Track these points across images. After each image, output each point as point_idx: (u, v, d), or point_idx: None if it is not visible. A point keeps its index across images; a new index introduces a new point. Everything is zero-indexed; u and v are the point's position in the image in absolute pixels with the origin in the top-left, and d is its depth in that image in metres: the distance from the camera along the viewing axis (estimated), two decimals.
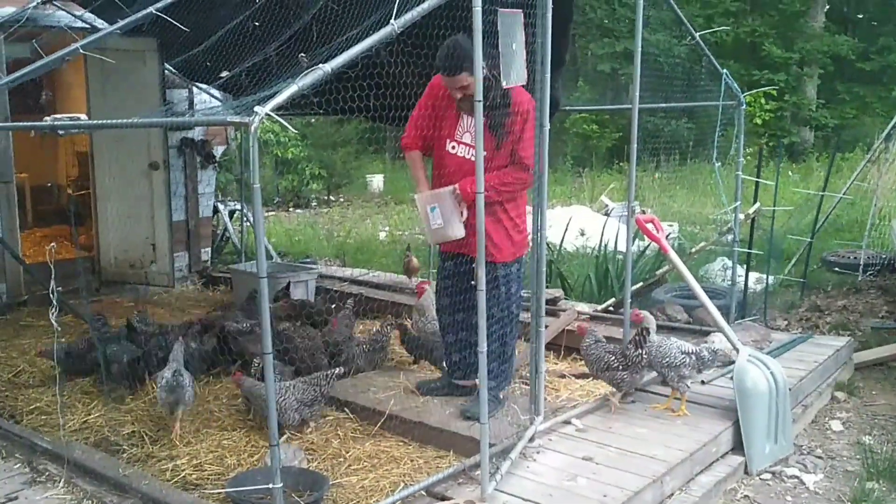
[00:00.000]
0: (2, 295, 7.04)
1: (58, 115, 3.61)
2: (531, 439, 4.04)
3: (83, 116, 3.55)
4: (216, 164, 8.49)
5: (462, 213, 4.21)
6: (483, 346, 3.27)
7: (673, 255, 4.86)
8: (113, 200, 7.58)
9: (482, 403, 3.38)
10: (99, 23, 6.36)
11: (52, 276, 3.57)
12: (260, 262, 2.67)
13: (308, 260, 8.68)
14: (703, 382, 4.93)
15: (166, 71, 7.41)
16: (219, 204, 9.18)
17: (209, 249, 8.68)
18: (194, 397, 4.57)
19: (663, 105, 6.43)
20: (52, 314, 3.48)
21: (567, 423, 4.34)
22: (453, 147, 4.37)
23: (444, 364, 4.92)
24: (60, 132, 3.51)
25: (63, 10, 6.59)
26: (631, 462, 3.91)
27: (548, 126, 3.70)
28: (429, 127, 4.34)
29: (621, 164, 17.24)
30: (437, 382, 4.93)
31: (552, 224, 7.09)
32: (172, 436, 4.37)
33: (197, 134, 8.18)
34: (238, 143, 9.23)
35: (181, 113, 3.40)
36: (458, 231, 4.21)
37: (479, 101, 2.98)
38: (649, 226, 4.91)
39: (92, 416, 4.81)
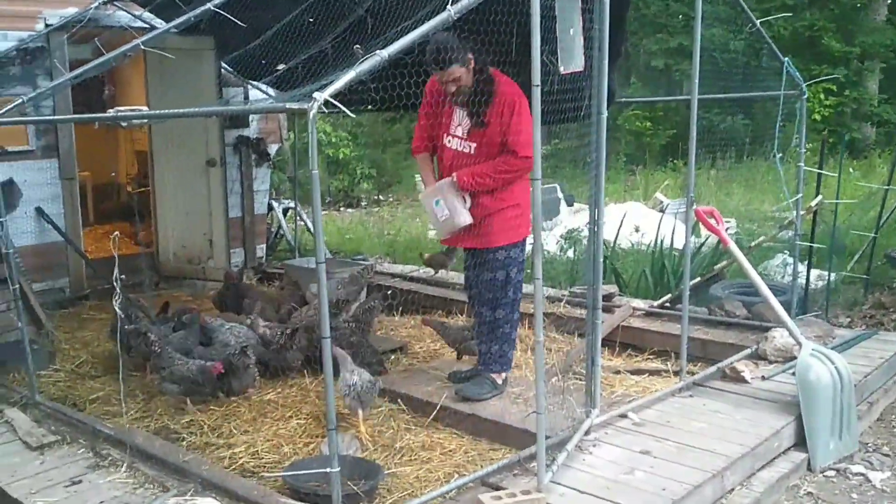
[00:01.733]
0: (65, 289, 7.23)
1: (120, 108, 3.69)
2: (587, 432, 3.99)
3: (145, 108, 3.62)
4: (270, 162, 8.59)
5: (465, 199, 4.40)
6: (540, 336, 3.23)
7: (734, 248, 4.75)
8: (171, 197, 7.73)
9: (539, 394, 3.34)
10: (157, 22, 6.49)
11: (116, 264, 3.64)
12: (318, 247, 2.68)
13: (360, 257, 8.73)
14: (763, 378, 4.82)
15: (222, 69, 7.53)
16: (273, 202, 9.29)
17: (264, 246, 8.79)
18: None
19: (722, 96, 6.29)
20: (116, 300, 3.54)
21: (623, 416, 4.28)
22: (449, 141, 4.52)
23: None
24: (123, 124, 3.57)
25: (123, 9, 6.74)
26: (689, 456, 3.83)
27: (605, 114, 3.65)
28: (432, 127, 4.57)
29: (675, 161, 16.98)
30: (467, 372, 4.93)
31: (606, 221, 7.01)
32: (357, 432, 4.37)
33: (252, 132, 8.30)
34: (291, 143, 9.34)
35: (240, 102, 3.45)
36: (465, 218, 4.39)
37: (538, 85, 2.95)
38: (709, 218, 4.81)
39: (152, 405, 4.92)
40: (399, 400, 4.84)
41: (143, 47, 4.52)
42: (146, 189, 8.23)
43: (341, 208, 15.48)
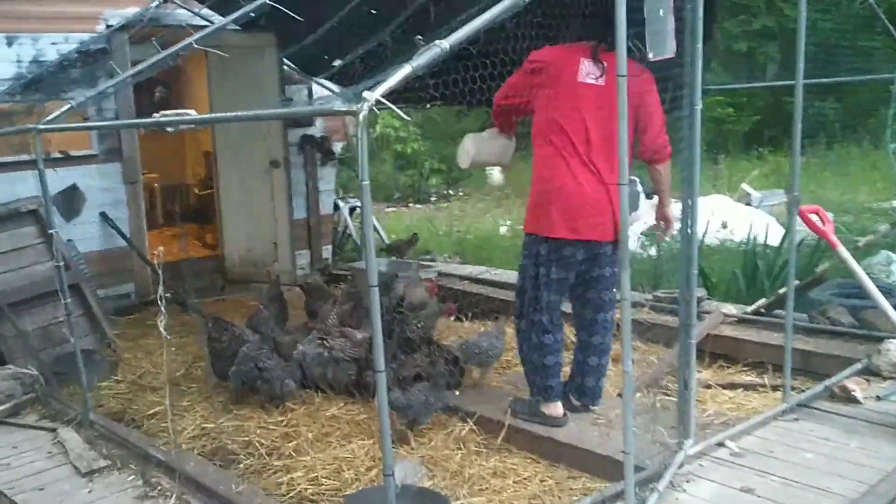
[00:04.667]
0: (130, 294, 7.11)
1: (166, 112, 3.43)
2: (680, 465, 3.55)
3: (192, 112, 3.33)
4: (336, 161, 8.34)
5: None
6: (629, 366, 2.81)
7: (843, 252, 4.24)
8: (236, 199, 7.54)
9: (627, 437, 2.92)
10: (217, 19, 6.26)
11: (161, 281, 3.38)
12: (370, 267, 2.33)
13: (428, 257, 8.40)
14: (878, 398, 4.28)
15: (286, 66, 7.30)
16: (339, 201, 9.04)
17: (330, 247, 8.55)
18: None
19: (830, 80, 5.69)
20: (161, 321, 3.28)
21: (720, 445, 3.81)
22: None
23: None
24: (170, 129, 3.30)
25: (183, 7, 6.55)
26: (799, 496, 3.35)
27: (699, 105, 3.20)
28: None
29: (760, 149, 16.14)
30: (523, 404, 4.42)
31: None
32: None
33: (317, 131, 8.05)
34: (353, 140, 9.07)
35: (287, 104, 3.21)
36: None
37: (624, 75, 2.53)
38: (814, 217, 4.29)
39: (210, 422, 4.68)
40: (468, 419, 4.47)
41: (195, 45, 4.26)
42: (212, 190, 8.07)
43: (410, 204, 15.20)
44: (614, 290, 4.22)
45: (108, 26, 6.58)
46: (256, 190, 7.40)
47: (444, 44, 2.39)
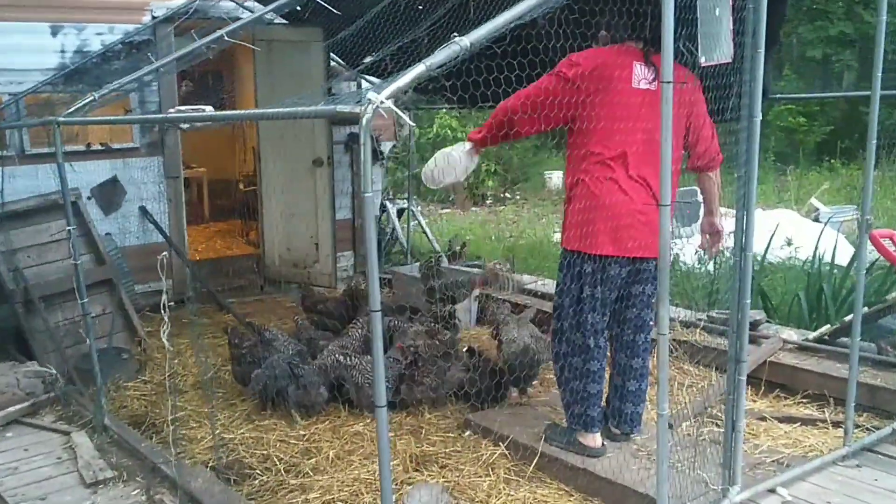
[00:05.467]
0: (168, 291, 6.98)
1: (181, 108, 3.23)
2: None
3: (209, 108, 3.13)
4: (383, 161, 8.11)
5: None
6: (665, 407, 2.49)
7: None
8: (278, 197, 7.38)
9: (660, 477, 2.61)
10: (261, 10, 6.11)
11: (164, 290, 3.18)
12: (373, 297, 2.06)
13: (475, 263, 8.11)
14: None
15: (333, 62, 7.11)
16: (387, 202, 8.81)
17: None
18: None
19: None
20: (164, 332, 3.08)
21: (771, 491, 3.45)
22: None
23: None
24: (184, 126, 3.09)
25: None
26: None
27: (759, 117, 2.85)
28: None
29: (832, 161, 15.41)
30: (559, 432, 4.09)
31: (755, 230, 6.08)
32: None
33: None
34: (405, 139, 8.84)
35: (294, 103, 3.01)
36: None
37: (669, 81, 2.22)
38: (886, 242, 3.88)
39: (229, 432, 4.50)
40: (501, 443, 4.19)
41: (226, 38, 4.07)
42: (255, 188, 7.94)
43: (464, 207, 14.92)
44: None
45: (153, 17, 6.47)
46: (299, 188, 7.22)
47: (465, 41, 2.13)
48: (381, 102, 1.99)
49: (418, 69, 2.07)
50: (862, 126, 17.66)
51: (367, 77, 7.01)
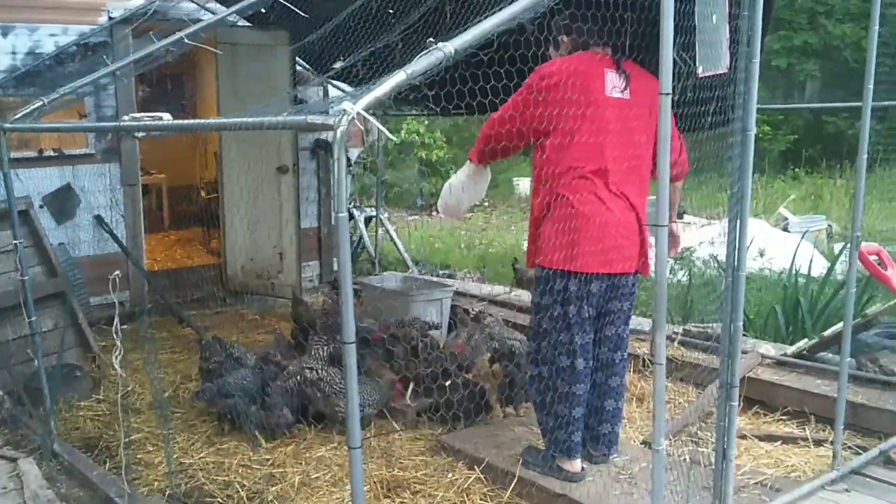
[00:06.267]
0: (125, 303, 6.71)
1: (136, 115, 3.00)
2: None
3: (166, 116, 2.91)
4: (351, 168, 7.89)
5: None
6: (661, 444, 2.32)
7: None
8: (240, 206, 7.12)
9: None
10: (224, 11, 5.87)
11: (117, 310, 2.95)
12: (346, 326, 1.87)
13: (446, 272, 7.94)
14: None
15: (300, 67, 6.88)
16: (354, 210, 8.59)
17: None
18: None
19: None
20: (117, 359, 2.84)
21: None
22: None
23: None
24: (138, 135, 2.87)
25: (192, 0, 6.16)
26: None
27: (753, 130, 2.70)
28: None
29: (797, 169, 15.54)
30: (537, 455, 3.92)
31: (724, 240, 5.97)
32: None
33: (331, 136, 7.62)
34: (371, 144, 8.64)
35: (260, 112, 2.84)
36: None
37: (668, 93, 2.06)
38: (874, 259, 3.78)
39: (189, 457, 4.25)
40: (476, 466, 4.00)
41: (186, 41, 3.85)
42: (217, 195, 7.67)
43: (434, 213, 14.75)
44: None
45: (110, 18, 6.20)
46: (262, 196, 6.97)
47: (449, 47, 1.94)
48: (358, 113, 1.80)
49: (398, 77, 1.89)
50: (825, 135, 17.90)
51: (335, 83, 6.79)
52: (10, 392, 4.65)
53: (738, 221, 2.74)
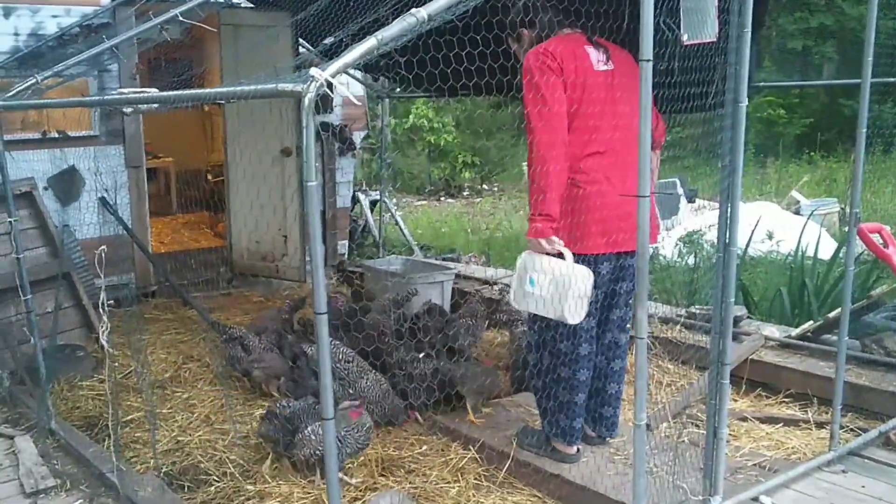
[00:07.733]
0: (130, 285, 6.73)
1: (123, 90, 2.99)
2: None
3: (153, 90, 2.89)
4: (355, 151, 7.86)
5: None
6: (642, 460, 2.29)
7: None
8: (245, 188, 7.11)
9: (637, 491, 2.41)
10: None
11: (103, 288, 2.94)
12: (318, 297, 1.85)
13: (450, 256, 7.91)
14: None
15: (302, 48, 6.85)
16: (360, 193, 8.57)
17: (346, 242, 8.08)
18: None
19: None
20: (103, 334, 2.84)
21: (755, 500, 3.27)
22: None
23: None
24: (127, 109, 2.85)
25: None
26: None
27: (744, 103, 2.65)
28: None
29: (812, 153, 15.35)
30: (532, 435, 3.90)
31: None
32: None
33: (335, 118, 7.60)
34: (391, 127, 8.59)
35: (237, 84, 2.81)
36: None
37: (649, 60, 2.01)
38: (875, 237, 3.71)
39: (185, 435, 4.26)
40: (471, 446, 3.98)
41: (180, 18, 3.83)
42: (222, 178, 7.68)
43: (442, 198, 14.72)
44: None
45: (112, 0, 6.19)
46: (267, 179, 6.96)
47: (422, 12, 1.91)
48: (326, 80, 1.77)
49: (368, 43, 1.85)
50: (842, 119, 17.66)
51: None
52: (12, 372, 4.67)
53: (730, 196, 2.69)
